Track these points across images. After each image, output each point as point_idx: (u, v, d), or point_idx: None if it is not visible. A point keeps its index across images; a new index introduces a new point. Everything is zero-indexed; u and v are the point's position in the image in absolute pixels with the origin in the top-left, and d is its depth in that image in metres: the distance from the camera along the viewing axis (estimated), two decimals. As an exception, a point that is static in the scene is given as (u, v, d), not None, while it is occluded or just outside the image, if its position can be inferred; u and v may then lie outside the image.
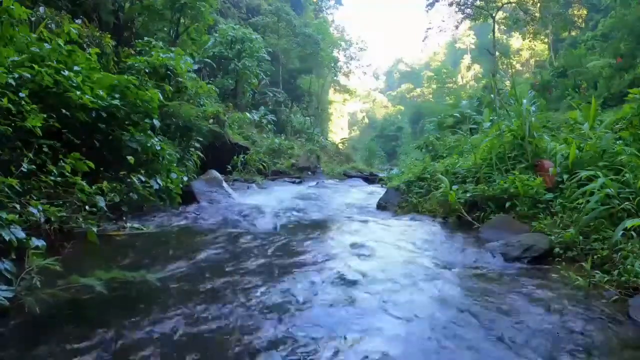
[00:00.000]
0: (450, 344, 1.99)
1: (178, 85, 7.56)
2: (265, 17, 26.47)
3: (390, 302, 2.49)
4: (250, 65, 18.12)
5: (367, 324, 2.17)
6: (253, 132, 15.16)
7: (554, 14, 27.36)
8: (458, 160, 6.37)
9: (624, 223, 2.84)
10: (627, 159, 3.82)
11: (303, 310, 2.36)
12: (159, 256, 3.37)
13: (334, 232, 4.61)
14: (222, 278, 2.88)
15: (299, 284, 2.77)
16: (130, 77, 5.13)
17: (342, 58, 35.30)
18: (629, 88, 5.34)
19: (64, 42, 4.55)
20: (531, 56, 41.16)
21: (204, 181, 6.72)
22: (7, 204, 2.82)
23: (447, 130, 13.49)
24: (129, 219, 4.46)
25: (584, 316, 2.30)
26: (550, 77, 20.10)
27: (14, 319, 2.12)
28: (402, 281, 2.87)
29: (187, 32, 13.19)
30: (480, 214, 4.65)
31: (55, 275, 2.54)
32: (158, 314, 2.23)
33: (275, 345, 1.94)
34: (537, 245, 3.42)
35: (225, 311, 2.31)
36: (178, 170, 5.60)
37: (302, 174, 13.47)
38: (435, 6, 27.82)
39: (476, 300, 2.53)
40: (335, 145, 26.98)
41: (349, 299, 2.53)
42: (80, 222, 3.37)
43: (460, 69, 56.97)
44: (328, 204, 7.24)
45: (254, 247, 3.75)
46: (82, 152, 3.78)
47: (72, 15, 6.97)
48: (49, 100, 3.92)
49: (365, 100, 69.58)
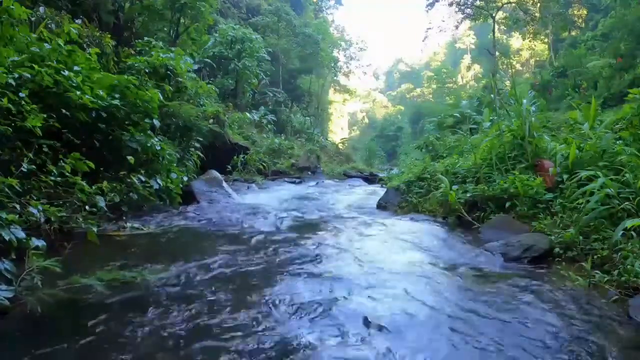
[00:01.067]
0: (450, 344, 1.99)
1: (178, 85, 7.56)
2: (265, 17, 26.46)
3: (389, 302, 2.49)
4: (250, 65, 18.12)
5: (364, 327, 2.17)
6: (253, 132, 15.15)
7: (554, 14, 27.37)
8: (458, 160, 6.37)
9: (624, 223, 2.84)
10: (627, 159, 3.82)
11: (303, 309, 2.36)
12: (159, 256, 3.37)
13: (333, 232, 4.60)
14: (222, 278, 2.88)
15: (298, 284, 2.77)
16: (130, 77, 5.14)
17: (342, 58, 35.32)
18: (629, 88, 5.34)
19: (64, 42, 4.55)
20: (531, 56, 41.17)
21: (204, 181, 6.73)
22: (7, 204, 2.82)
23: (447, 130, 13.49)
24: (129, 219, 4.46)
25: (583, 316, 2.30)
26: (550, 77, 20.11)
27: (14, 319, 2.12)
28: (402, 281, 2.87)
29: (187, 32, 13.19)
30: (480, 214, 4.65)
31: (55, 276, 2.54)
32: (158, 314, 2.23)
33: (273, 342, 1.94)
34: (537, 245, 3.42)
35: (225, 311, 2.31)
36: (178, 170, 5.61)
37: (302, 174, 13.46)
38: (435, 6, 27.84)
39: (476, 300, 2.53)
40: (335, 145, 26.97)
41: (349, 299, 2.53)
42: (80, 222, 3.37)
43: (460, 69, 56.98)
44: (328, 204, 7.24)
45: (254, 247, 3.74)
46: (82, 152, 3.78)
47: (72, 15, 6.97)
48: (49, 100, 3.92)
49: (365, 100, 69.59)
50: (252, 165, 11.38)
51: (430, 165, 6.73)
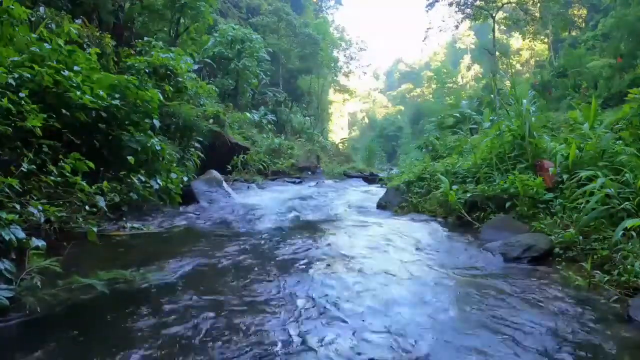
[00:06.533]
0: (449, 344, 1.99)
1: (178, 85, 7.57)
2: (265, 17, 26.47)
3: (388, 302, 2.49)
4: (250, 65, 18.13)
5: (362, 327, 2.17)
6: (253, 132, 15.15)
7: (554, 14, 27.37)
8: (458, 160, 6.37)
9: (624, 223, 2.84)
10: (627, 159, 3.82)
11: (302, 309, 2.36)
12: (159, 256, 3.36)
13: (333, 232, 4.60)
14: (221, 278, 2.88)
15: (297, 284, 2.77)
16: (130, 77, 5.14)
17: (342, 58, 35.40)
18: (629, 88, 5.33)
19: (64, 42, 4.55)
20: (531, 56, 41.17)
21: (204, 181, 6.73)
22: (7, 204, 2.82)
23: (447, 130, 13.48)
24: (129, 219, 4.46)
25: (583, 316, 2.30)
26: (550, 77, 20.10)
27: (14, 319, 2.12)
28: (401, 281, 2.87)
29: (187, 32, 13.19)
30: (480, 214, 4.66)
31: (55, 276, 2.54)
32: (158, 314, 2.23)
33: (272, 344, 1.94)
34: (537, 245, 3.42)
35: (226, 311, 2.31)
36: (178, 170, 5.61)
37: (302, 174, 13.46)
38: (435, 6, 27.80)
39: (475, 299, 2.53)
40: (335, 145, 26.97)
41: (348, 299, 2.53)
42: (80, 222, 3.37)
43: (460, 69, 56.98)
44: (328, 204, 7.24)
45: (254, 248, 3.75)
46: (82, 152, 3.79)
47: (72, 15, 6.96)
48: (49, 100, 3.93)
49: (365, 100, 69.62)
50: (252, 165, 11.39)
51: (430, 165, 6.73)
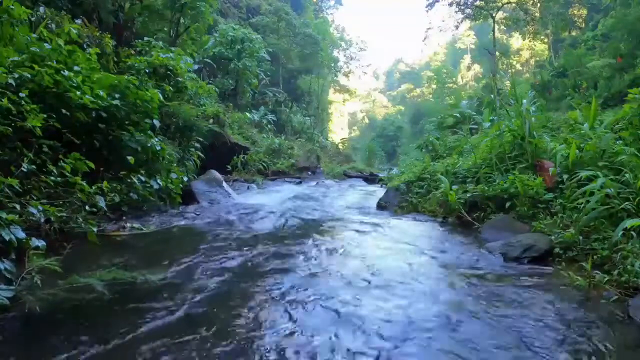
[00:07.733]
0: (449, 344, 1.99)
1: (178, 85, 7.57)
2: (265, 17, 26.46)
3: (388, 303, 2.49)
4: (250, 65, 18.11)
5: (363, 328, 2.17)
6: (253, 132, 15.13)
7: (554, 14, 27.35)
8: (458, 160, 6.37)
9: (624, 223, 2.84)
10: (627, 159, 3.82)
11: (303, 308, 2.36)
12: (159, 256, 3.37)
13: (333, 233, 4.60)
14: (221, 278, 2.88)
15: (297, 283, 2.77)
16: (130, 77, 5.13)
17: (342, 58, 35.40)
18: (629, 88, 5.33)
19: (64, 42, 4.55)
20: (531, 56, 41.13)
21: (204, 181, 6.73)
22: (7, 204, 2.82)
23: (447, 130, 13.48)
24: (129, 219, 4.46)
25: (583, 316, 2.30)
26: (550, 77, 20.07)
27: (14, 319, 2.12)
28: (401, 281, 2.87)
29: (187, 32, 13.18)
30: (480, 214, 4.66)
31: (55, 276, 2.54)
32: (158, 314, 2.23)
33: (274, 341, 1.94)
34: (537, 245, 3.42)
35: (226, 311, 2.31)
36: (178, 170, 5.60)
37: (302, 174, 13.44)
38: (435, 6, 27.76)
39: (475, 299, 2.53)
40: (335, 145, 26.96)
41: (347, 298, 2.53)
42: (80, 222, 3.37)
43: (460, 69, 56.95)
44: (328, 204, 7.24)
45: (254, 247, 3.74)
46: (82, 152, 3.79)
47: (72, 15, 6.96)
48: (49, 100, 3.92)
49: (365, 100, 69.57)
50: (252, 165, 11.38)
51: (430, 165, 6.73)
